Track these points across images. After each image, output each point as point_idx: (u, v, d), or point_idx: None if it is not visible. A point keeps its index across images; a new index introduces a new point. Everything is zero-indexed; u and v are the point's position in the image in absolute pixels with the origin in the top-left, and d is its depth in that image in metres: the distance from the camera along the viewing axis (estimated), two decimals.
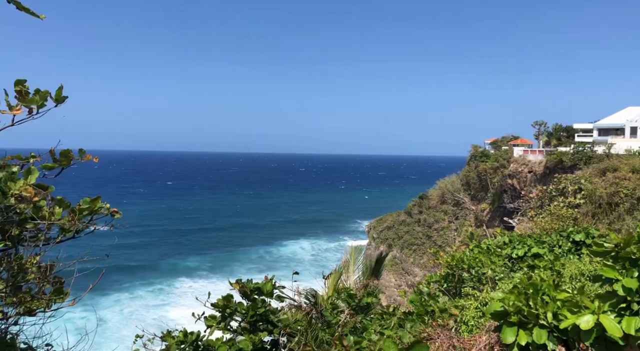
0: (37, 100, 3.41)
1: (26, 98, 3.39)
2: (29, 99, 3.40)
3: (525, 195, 55.42)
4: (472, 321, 7.12)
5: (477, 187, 67.38)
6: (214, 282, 63.26)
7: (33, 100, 3.41)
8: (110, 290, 58.24)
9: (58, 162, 3.60)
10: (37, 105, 3.42)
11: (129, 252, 78.29)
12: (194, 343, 7.20)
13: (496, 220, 59.32)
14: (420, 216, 71.55)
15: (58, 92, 3.45)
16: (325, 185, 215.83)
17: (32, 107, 3.42)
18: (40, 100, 3.42)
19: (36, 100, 3.41)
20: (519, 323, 4.53)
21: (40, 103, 3.42)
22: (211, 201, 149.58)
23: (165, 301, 59.26)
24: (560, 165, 51.64)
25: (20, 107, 3.42)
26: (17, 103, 3.39)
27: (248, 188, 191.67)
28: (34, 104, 3.41)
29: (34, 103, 3.41)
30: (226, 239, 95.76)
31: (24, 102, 3.40)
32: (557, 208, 36.68)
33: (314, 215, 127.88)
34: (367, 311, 8.68)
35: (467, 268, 9.97)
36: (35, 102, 3.41)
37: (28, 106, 3.41)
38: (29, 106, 3.41)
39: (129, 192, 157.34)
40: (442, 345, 6.20)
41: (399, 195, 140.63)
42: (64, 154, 3.62)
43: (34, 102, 3.41)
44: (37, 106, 3.42)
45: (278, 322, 7.71)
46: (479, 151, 69.94)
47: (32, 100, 3.41)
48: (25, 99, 3.39)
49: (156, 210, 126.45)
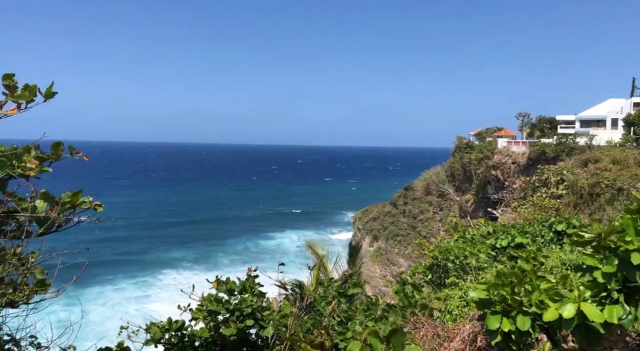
0: (27, 95, 3.39)
1: (15, 94, 3.34)
2: (18, 95, 3.35)
3: (509, 186, 56.12)
4: (457, 310, 7.21)
5: (462, 178, 68.00)
6: (198, 274, 63.05)
7: (22, 96, 3.38)
8: (93, 283, 57.69)
9: (48, 156, 3.53)
10: (26, 100, 3.38)
11: (112, 244, 77.51)
12: (179, 331, 7.18)
13: (480, 210, 60.00)
14: (405, 207, 72.04)
15: (48, 89, 3.43)
16: (311, 177, 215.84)
17: (21, 102, 3.38)
18: (29, 96, 3.39)
19: (25, 95, 3.39)
20: (503, 311, 4.59)
21: (29, 99, 3.39)
22: (195, 193, 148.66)
23: (148, 294, 58.94)
24: (543, 156, 52.31)
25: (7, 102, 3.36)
26: (4, 99, 3.34)
27: (232, 179, 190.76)
28: (23, 99, 3.37)
29: (23, 99, 3.37)
30: (210, 231, 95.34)
31: (12, 97, 3.35)
32: (540, 199, 37.22)
33: (300, 207, 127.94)
34: (352, 301, 8.72)
35: (452, 259, 10.07)
36: (25, 98, 3.39)
37: (16, 101, 3.37)
38: (18, 101, 3.37)
39: (111, 184, 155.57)
40: (426, 334, 6.26)
41: (384, 187, 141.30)
42: (54, 147, 3.56)
43: (23, 97, 3.37)
44: (26, 101, 3.38)
45: (264, 320, 7.69)
46: (463, 142, 70.48)
47: (21, 96, 3.37)
48: (14, 95, 3.34)
49: (139, 202, 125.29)
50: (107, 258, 68.97)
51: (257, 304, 7.79)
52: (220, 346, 7.94)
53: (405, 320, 6.72)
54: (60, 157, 3.50)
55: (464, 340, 5.68)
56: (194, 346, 7.98)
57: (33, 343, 3.34)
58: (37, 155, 3.45)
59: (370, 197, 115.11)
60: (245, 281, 7.90)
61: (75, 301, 38.92)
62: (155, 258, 74.63)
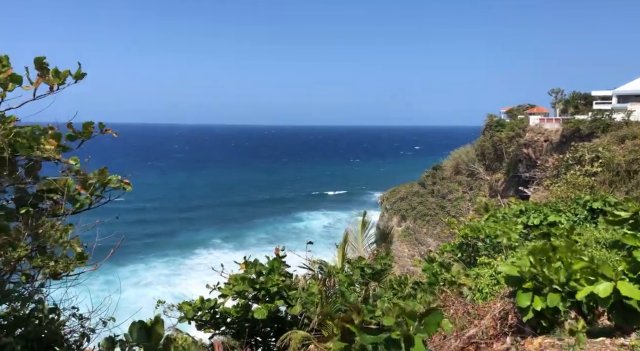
0: (58, 80, 3.49)
1: (47, 78, 3.45)
2: (51, 80, 3.46)
3: (541, 164, 54.80)
4: (487, 288, 7.14)
5: (492, 157, 66.71)
6: (227, 253, 64.20)
7: (54, 80, 3.48)
8: (126, 262, 59.51)
9: (79, 134, 3.64)
10: (57, 84, 3.49)
11: (143, 224, 79.53)
12: (211, 309, 7.35)
13: (511, 190, 58.92)
14: (433, 187, 71.32)
15: (78, 71, 3.58)
16: (339, 157, 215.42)
17: (53, 85, 3.49)
18: (60, 80, 3.49)
19: (57, 80, 3.49)
20: (534, 289, 4.53)
21: (60, 82, 3.50)
22: (224, 174, 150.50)
23: (179, 273, 60.49)
24: (577, 133, 50.73)
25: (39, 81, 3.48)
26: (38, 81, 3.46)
27: (260, 161, 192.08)
28: (55, 83, 3.48)
29: (55, 82, 3.48)
30: (239, 212, 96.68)
31: (45, 80, 3.46)
32: (574, 177, 36.25)
33: (327, 188, 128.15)
34: (380, 279, 8.76)
35: (482, 238, 9.95)
36: (57, 82, 3.48)
37: (49, 84, 3.48)
38: (51, 84, 3.48)
39: (142, 166, 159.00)
40: (456, 311, 6.24)
41: (412, 167, 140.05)
42: (85, 127, 3.67)
43: (55, 81, 3.48)
44: (58, 84, 3.50)
45: (291, 298, 7.80)
46: (494, 120, 68.93)
47: (54, 80, 3.48)
48: (47, 78, 3.45)
49: (170, 183, 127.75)
50: (139, 238, 70.89)
51: (284, 283, 7.90)
52: (251, 322, 8.12)
53: (434, 298, 6.71)
54: (91, 134, 3.61)
55: (495, 317, 5.64)
56: (226, 323, 8.19)
57: (75, 314, 3.50)
58: (69, 134, 3.55)
59: (398, 177, 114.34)
60: (272, 262, 8.00)
61: (111, 278, 40.35)
62: (185, 238, 76.33)
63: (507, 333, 5.50)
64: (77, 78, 3.59)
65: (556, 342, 4.65)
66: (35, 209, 3.43)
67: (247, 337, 8.05)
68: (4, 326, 3.13)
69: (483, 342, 5.52)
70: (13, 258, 3.16)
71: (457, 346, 5.65)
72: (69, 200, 3.51)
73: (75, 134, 3.55)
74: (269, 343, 8.45)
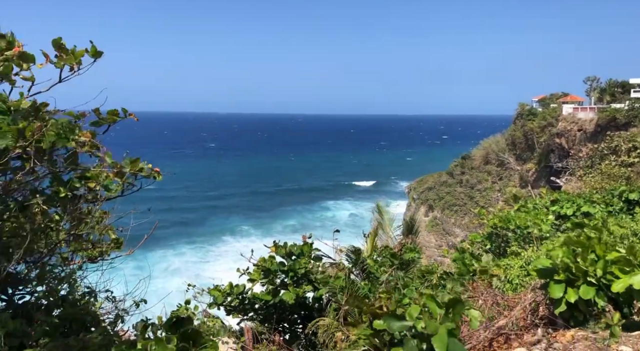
0: (75, 58, 3.55)
1: (65, 57, 3.52)
2: (68, 58, 3.53)
3: (575, 155, 53.35)
4: (517, 279, 7.03)
5: (523, 147, 65.30)
6: (255, 241, 65.05)
7: (71, 59, 3.55)
8: (156, 248, 60.95)
9: (104, 120, 3.73)
10: (76, 62, 3.56)
11: (173, 211, 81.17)
12: (240, 295, 7.46)
13: (542, 180, 57.60)
14: (462, 177, 70.33)
15: (93, 48, 3.66)
16: (366, 146, 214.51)
17: (73, 64, 3.57)
18: (76, 58, 3.55)
19: (74, 58, 3.55)
20: (567, 280, 4.43)
21: (78, 60, 3.56)
22: (251, 163, 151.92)
23: (207, 259, 61.66)
24: (613, 122, 49.10)
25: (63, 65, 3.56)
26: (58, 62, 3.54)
27: (288, 149, 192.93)
28: (74, 62, 3.55)
29: (73, 61, 3.55)
30: (266, 200, 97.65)
31: (64, 60, 3.53)
32: (609, 167, 35.20)
33: (353, 177, 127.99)
34: (408, 268, 8.72)
35: (513, 228, 9.77)
36: (75, 60, 3.55)
37: (69, 64, 3.56)
38: (70, 64, 3.56)
39: (171, 154, 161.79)
40: (485, 302, 6.16)
41: (440, 156, 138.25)
42: (109, 113, 3.77)
43: (72, 60, 3.55)
44: (76, 63, 3.57)
45: (318, 282, 7.85)
46: (526, 109, 67.31)
47: (71, 59, 3.55)
48: (65, 58, 3.52)
49: (199, 171, 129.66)
50: (168, 225, 72.41)
51: (312, 267, 7.96)
52: (279, 309, 8.22)
53: (464, 289, 6.64)
54: (116, 120, 3.70)
55: (525, 308, 5.54)
56: (254, 309, 8.31)
57: (109, 297, 3.62)
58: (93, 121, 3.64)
59: (425, 166, 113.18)
60: (302, 246, 8.06)
61: (141, 264, 41.48)
62: (213, 225, 77.63)
63: (537, 325, 5.40)
64: (94, 56, 3.67)
65: (589, 335, 4.54)
66: (72, 195, 3.54)
67: (275, 323, 8.15)
68: (42, 307, 3.27)
69: (513, 333, 5.44)
70: (53, 242, 3.28)
71: (486, 336, 5.58)
72: (103, 187, 3.62)
73: (100, 120, 3.64)
74: (296, 329, 8.54)
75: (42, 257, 3.41)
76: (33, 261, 3.40)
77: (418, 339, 3.68)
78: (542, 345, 4.80)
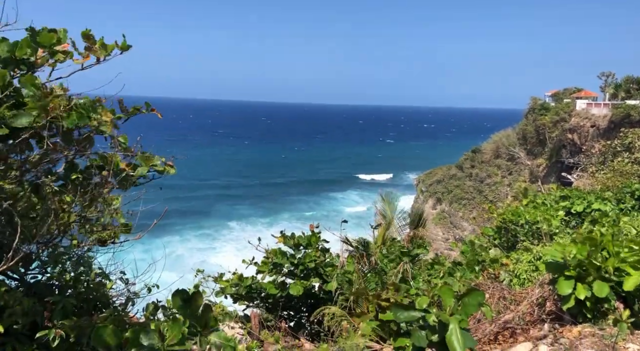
0: (105, 52, 3.62)
1: (95, 50, 3.57)
2: (99, 52, 3.59)
3: (587, 151, 52.80)
4: (525, 274, 7.00)
5: (534, 142, 64.70)
6: (261, 230, 65.34)
7: (102, 53, 3.62)
8: (162, 234, 61.47)
9: (126, 112, 3.77)
10: (104, 56, 3.63)
11: (179, 198, 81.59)
12: (249, 286, 7.49)
13: (553, 176, 57.14)
14: (472, 170, 69.93)
15: (123, 42, 3.73)
16: (374, 138, 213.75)
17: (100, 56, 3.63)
18: (107, 52, 3.62)
19: (104, 52, 3.62)
20: (577, 276, 4.40)
21: (107, 54, 3.63)
22: (257, 151, 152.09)
23: (213, 246, 62.09)
24: (628, 119, 48.47)
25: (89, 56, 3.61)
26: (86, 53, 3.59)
27: (295, 139, 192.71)
28: (102, 55, 3.62)
29: (102, 55, 3.61)
30: (273, 189, 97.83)
31: (92, 52, 3.59)
32: (621, 164, 34.76)
33: (361, 168, 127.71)
34: (415, 261, 8.71)
35: (522, 223, 9.72)
36: (104, 54, 3.62)
37: (96, 56, 3.62)
38: (97, 56, 3.62)
39: (179, 140, 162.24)
40: (492, 296, 6.15)
41: (448, 149, 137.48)
42: (135, 108, 3.81)
43: (102, 54, 3.61)
44: (105, 56, 3.63)
45: (327, 275, 7.85)
46: (538, 104, 66.56)
47: (101, 53, 3.62)
48: (94, 51, 3.58)
49: (206, 159, 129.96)
50: (174, 211, 72.86)
51: (321, 259, 7.96)
52: (286, 298, 8.25)
53: (471, 280, 6.63)
54: (136, 113, 3.73)
55: (532, 303, 5.53)
56: (261, 297, 8.35)
57: (122, 278, 3.67)
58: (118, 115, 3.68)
59: (434, 159, 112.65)
60: (310, 236, 8.06)
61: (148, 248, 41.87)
62: (220, 212, 78.02)
63: (544, 320, 5.39)
64: (122, 49, 3.73)
65: (597, 331, 4.52)
66: (84, 179, 3.58)
67: (281, 310, 8.20)
68: (56, 287, 3.32)
69: (519, 328, 5.43)
70: (64, 223, 3.32)
71: (492, 330, 5.58)
72: (115, 175, 3.66)
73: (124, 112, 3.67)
74: (302, 317, 8.58)
75: (53, 238, 3.47)
76: (44, 242, 3.46)
77: (428, 330, 3.66)
78: (549, 340, 4.79)
